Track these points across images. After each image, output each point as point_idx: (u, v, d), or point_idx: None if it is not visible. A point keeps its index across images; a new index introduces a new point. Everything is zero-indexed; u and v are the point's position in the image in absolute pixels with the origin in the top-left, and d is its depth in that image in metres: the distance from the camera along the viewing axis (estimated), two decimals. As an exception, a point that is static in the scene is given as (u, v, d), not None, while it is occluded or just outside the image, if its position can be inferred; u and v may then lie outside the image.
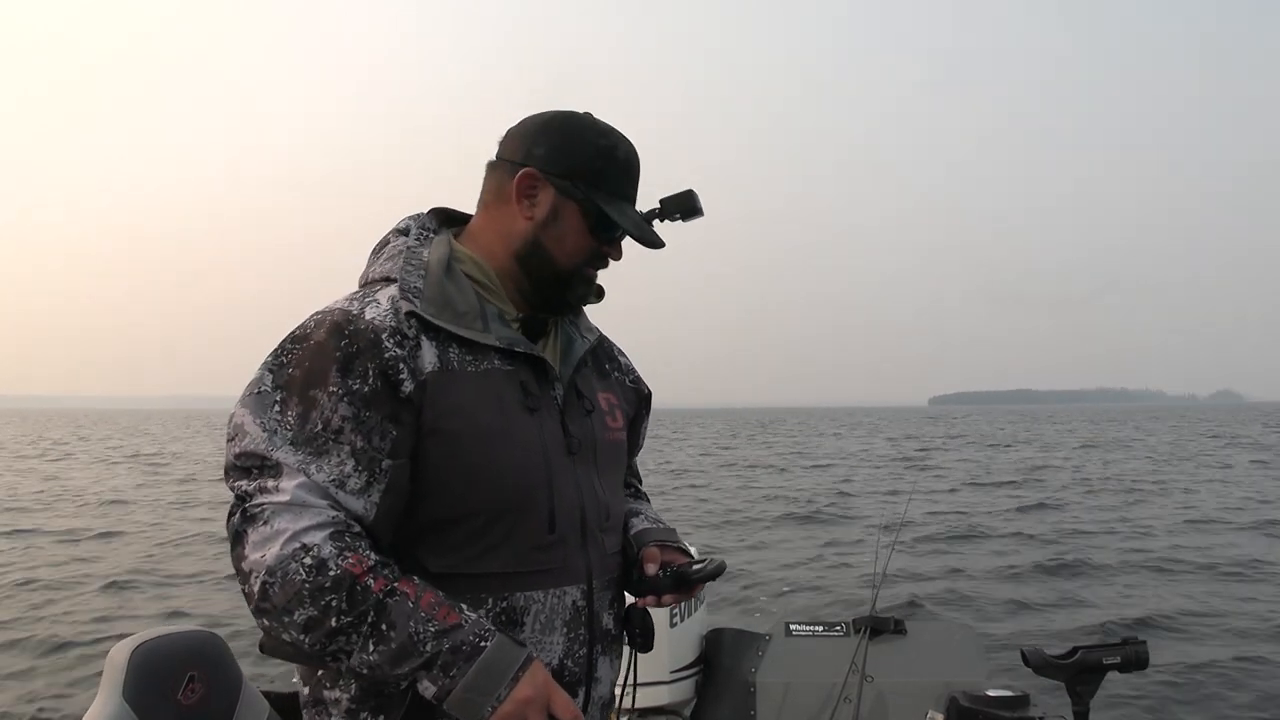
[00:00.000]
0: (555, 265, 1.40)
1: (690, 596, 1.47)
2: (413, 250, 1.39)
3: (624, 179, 1.42)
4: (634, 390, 1.62)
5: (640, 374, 1.67)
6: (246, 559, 1.21)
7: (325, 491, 1.23)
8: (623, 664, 1.53)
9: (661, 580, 1.43)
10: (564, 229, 1.39)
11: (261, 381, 1.28)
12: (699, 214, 1.45)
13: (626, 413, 1.57)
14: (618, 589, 1.49)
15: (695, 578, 1.43)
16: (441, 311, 1.32)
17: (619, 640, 1.49)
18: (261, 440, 1.24)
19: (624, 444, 1.55)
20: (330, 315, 1.30)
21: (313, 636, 1.18)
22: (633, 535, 1.53)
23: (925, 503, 15.81)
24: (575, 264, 1.41)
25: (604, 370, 1.57)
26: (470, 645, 1.18)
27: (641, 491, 1.73)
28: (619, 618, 1.48)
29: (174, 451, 37.13)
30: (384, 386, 1.26)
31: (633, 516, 1.58)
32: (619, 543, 1.50)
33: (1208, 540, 12.02)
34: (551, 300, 1.43)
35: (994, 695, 2.30)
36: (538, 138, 1.40)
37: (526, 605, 1.32)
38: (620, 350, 1.65)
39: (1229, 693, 5.79)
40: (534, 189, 1.39)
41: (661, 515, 1.64)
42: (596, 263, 1.43)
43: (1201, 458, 29.39)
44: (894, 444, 37.23)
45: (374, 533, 1.27)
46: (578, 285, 1.43)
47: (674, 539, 1.54)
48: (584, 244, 1.40)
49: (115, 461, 30.72)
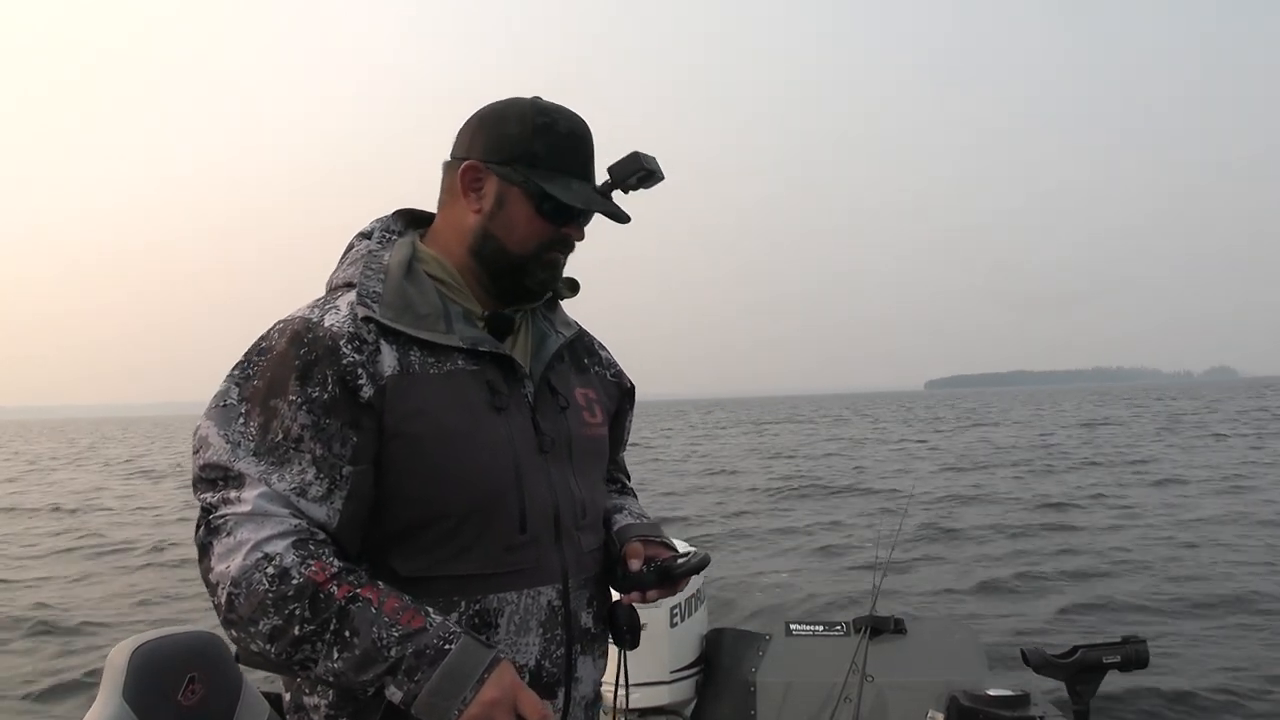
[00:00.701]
0: (509, 254, 1.39)
1: (675, 591, 1.46)
2: (373, 254, 1.40)
3: (568, 153, 1.38)
4: (615, 384, 1.61)
5: (622, 368, 1.65)
6: (213, 570, 1.22)
7: (287, 500, 1.23)
8: (612, 663, 1.53)
9: (645, 575, 1.42)
10: (512, 216, 1.38)
11: (227, 394, 1.28)
12: (656, 177, 1.40)
13: (607, 408, 1.56)
14: (597, 587, 1.48)
15: (679, 571, 1.43)
16: (401, 315, 1.32)
17: (600, 639, 1.48)
18: (225, 452, 1.24)
19: (604, 439, 1.54)
20: (291, 324, 1.31)
21: (278, 645, 1.18)
22: (616, 531, 1.52)
23: (926, 503, 15.80)
24: (530, 249, 1.39)
25: (582, 365, 1.56)
26: (434, 649, 1.18)
27: (628, 487, 1.71)
28: (599, 616, 1.47)
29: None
30: (343, 393, 1.26)
31: (616, 513, 1.57)
32: (598, 540, 1.49)
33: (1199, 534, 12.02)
34: (512, 290, 1.42)
35: (994, 695, 2.30)
36: (478, 129, 1.40)
37: (500, 607, 1.32)
38: (601, 345, 1.64)
39: (1229, 692, 5.79)
40: (479, 181, 1.39)
41: (646, 510, 1.63)
42: (556, 246, 1.40)
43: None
44: (891, 430, 37.31)
45: (339, 540, 1.27)
46: (535, 271, 1.40)
47: (658, 533, 1.53)
48: (535, 228, 1.38)
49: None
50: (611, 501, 1.60)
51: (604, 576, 1.50)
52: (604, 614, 1.49)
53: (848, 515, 14.89)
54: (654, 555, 1.47)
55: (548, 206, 1.37)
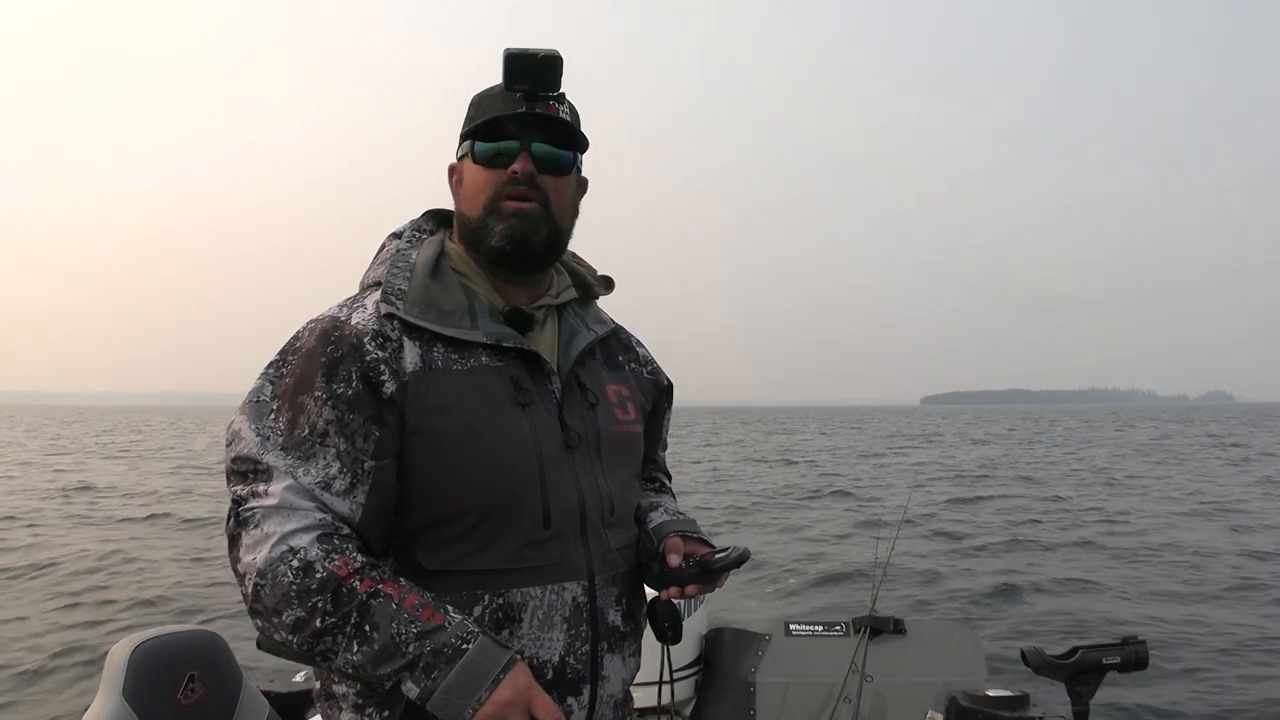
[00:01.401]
0: (469, 219, 1.40)
1: (714, 587, 1.45)
2: (402, 253, 1.42)
3: (493, 101, 1.38)
4: (652, 382, 1.60)
5: (660, 365, 1.64)
6: (240, 561, 1.24)
7: (312, 494, 1.25)
8: (656, 660, 1.53)
9: (685, 571, 1.41)
10: (465, 183, 1.41)
11: (261, 390, 1.31)
12: (541, 57, 1.33)
13: (642, 405, 1.55)
14: (626, 584, 1.46)
15: (718, 566, 1.41)
16: (425, 312, 1.33)
17: (630, 638, 1.47)
18: (254, 445, 1.27)
19: (636, 436, 1.53)
20: (320, 323, 1.33)
21: (300, 637, 1.20)
22: (652, 529, 1.51)
23: (926, 502, 15.81)
24: (482, 202, 1.38)
25: (616, 362, 1.55)
26: (452, 648, 1.19)
27: (666, 487, 1.69)
28: (628, 614, 1.46)
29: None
30: (366, 389, 1.28)
31: (651, 510, 1.56)
32: (628, 538, 1.48)
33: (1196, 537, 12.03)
34: (492, 254, 1.39)
35: (994, 695, 2.30)
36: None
37: (524, 602, 1.32)
38: (639, 341, 1.63)
39: (1228, 692, 5.79)
40: (453, 175, 1.44)
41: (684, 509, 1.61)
42: (507, 190, 1.37)
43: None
44: (885, 441, 37.29)
45: (364, 533, 1.28)
46: (494, 225, 1.37)
47: (695, 530, 1.52)
48: (479, 179, 1.38)
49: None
50: (647, 500, 1.59)
51: (635, 574, 1.49)
52: (634, 612, 1.48)
53: (849, 515, 14.90)
54: (692, 551, 1.46)
55: (479, 150, 1.38)
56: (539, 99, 1.36)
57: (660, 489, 1.67)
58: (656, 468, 1.70)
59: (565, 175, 1.40)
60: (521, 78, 1.34)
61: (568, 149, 1.40)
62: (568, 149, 1.40)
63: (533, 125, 1.36)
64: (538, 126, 1.36)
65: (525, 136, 1.36)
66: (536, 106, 1.35)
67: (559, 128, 1.37)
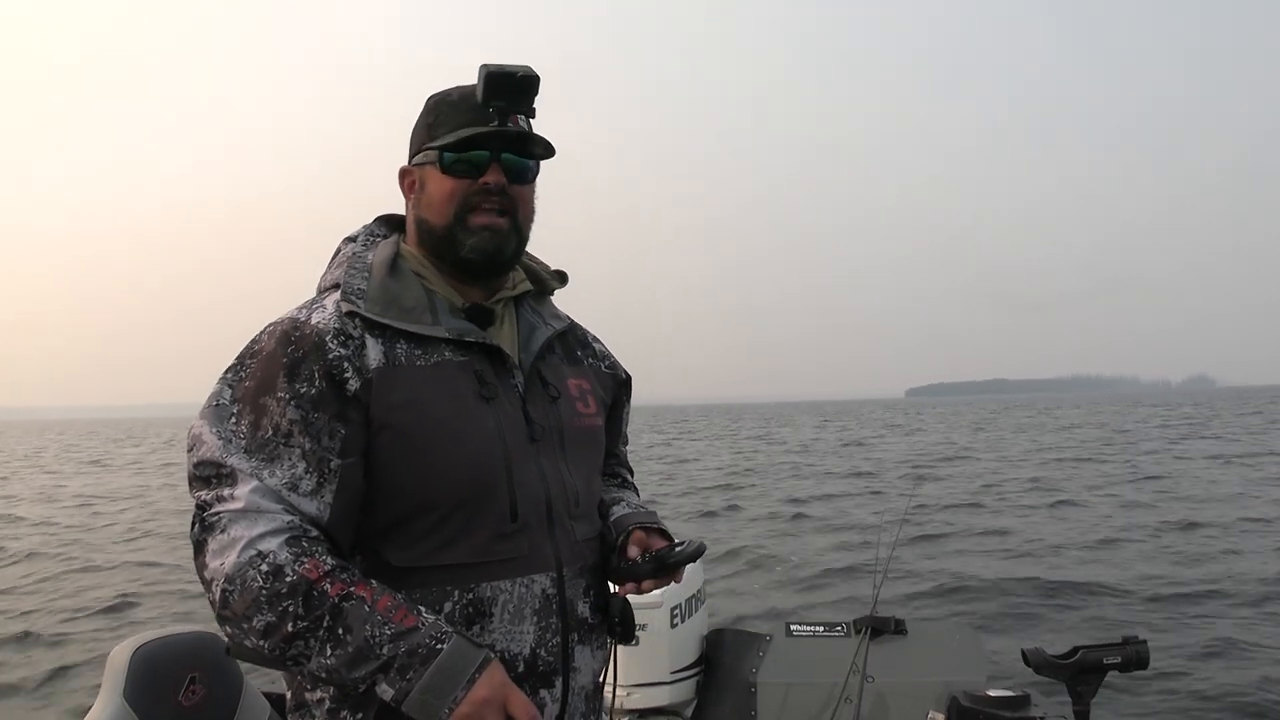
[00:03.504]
0: (435, 229, 1.41)
1: (671, 580, 1.46)
2: (358, 255, 1.43)
3: (459, 111, 1.39)
4: (610, 375, 1.62)
5: (617, 359, 1.66)
6: (207, 568, 1.23)
7: (279, 495, 1.25)
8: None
9: (641, 565, 1.43)
10: (429, 191, 1.41)
11: (220, 395, 1.30)
12: (518, 76, 1.33)
13: (602, 398, 1.57)
14: (594, 576, 1.48)
15: (674, 560, 1.43)
16: (386, 309, 1.34)
17: (600, 629, 1.48)
18: (217, 449, 1.26)
19: (598, 429, 1.54)
20: (280, 325, 1.34)
21: (271, 642, 1.20)
22: (613, 521, 1.53)
23: (926, 501, 15.80)
24: (449, 214, 1.39)
25: (575, 357, 1.57)
26: (426, 648, 1.19)
27: (629, 481, 1.71)
28: (597, 606, 1.47)
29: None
30: (329, 387, 1.28)
31: (614, 504, 1.57)
32: (593, 529, 1.49)
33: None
34: (461, 264, 1.41)
35: (994, 695, 2.30)
36: (410, 140, 1.46)
37: (494, 596, 1.32)
38: (595, 337, 1.65)
39: (1228, 692, 5.79)
40: (409, 180, 1.45)
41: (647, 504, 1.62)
42: (477, 201, 1.39)
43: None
44: (884, 434, 37.27)
45: (332, 534, 1.28)
46: (464, 237, 1.39)
47: (655, 522, 1.53)
48: (446, 190, 1.39)
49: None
50: (610, 494, 1.61)
51: (601, 567, 1.50)
52: (603, 604, 1.49)
53: (847, 517, 14.89)
54: (652, 545, 1.47)
55: (447, 159, 1.39)
56: (512, 115, 1.38)
57: (623, 484, 1.69)
58: (618, 462, 1.71)
59: (531, 183, 1.44)
60: (499, 95, 1.35)
61: (532, 157, 1.43)
62: (532, 157, 1.43)
63: (502, 136, 1.39)
64: (507, 137, 1.39)
65: (494, 147, 1.38)
66: (509, 124, 1.37)
67: (527, 138, 1.40)
